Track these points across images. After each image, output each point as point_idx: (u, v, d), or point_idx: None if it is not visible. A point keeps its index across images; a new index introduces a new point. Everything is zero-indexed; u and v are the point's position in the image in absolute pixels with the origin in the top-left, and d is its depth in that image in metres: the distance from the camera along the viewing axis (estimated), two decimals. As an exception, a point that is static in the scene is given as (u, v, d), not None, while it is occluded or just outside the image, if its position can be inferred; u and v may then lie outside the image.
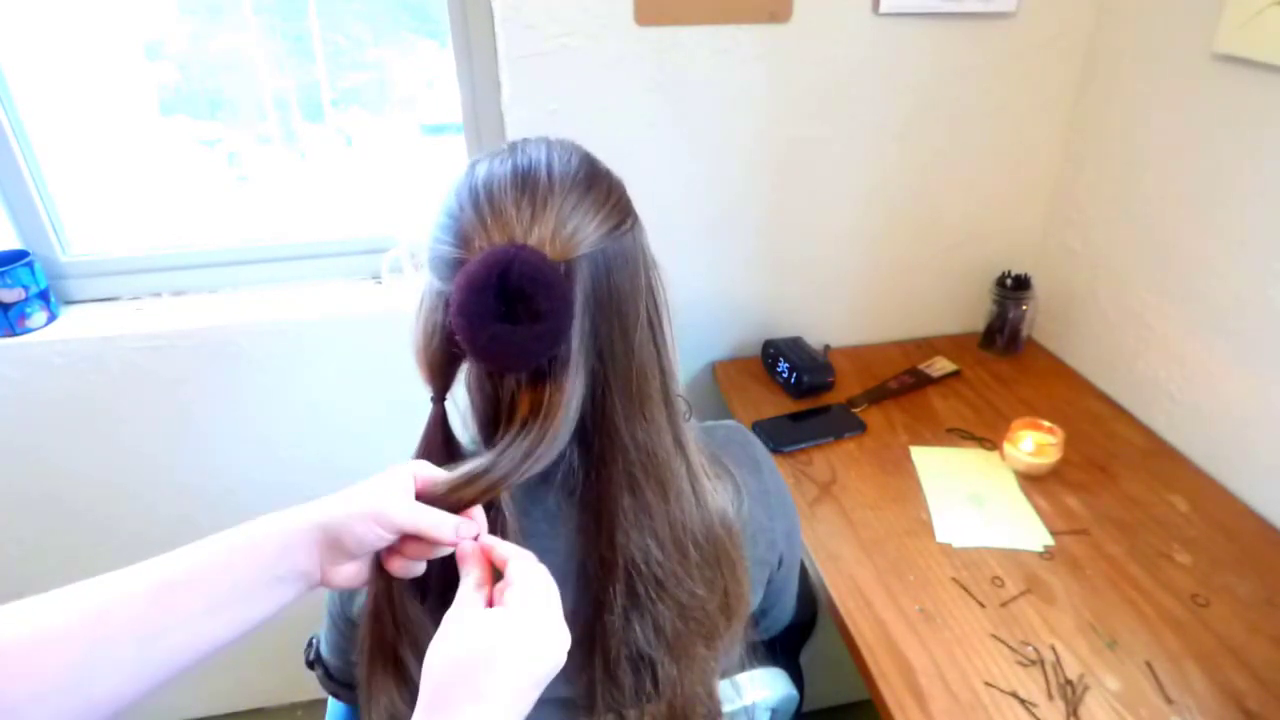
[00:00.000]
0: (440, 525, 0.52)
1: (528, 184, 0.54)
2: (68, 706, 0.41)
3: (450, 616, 0.48)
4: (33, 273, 1.22)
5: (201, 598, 0.47)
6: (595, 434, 0.58)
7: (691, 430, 0.65)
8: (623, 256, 0.56)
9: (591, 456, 0.59)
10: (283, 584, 0.50)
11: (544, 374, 0.54)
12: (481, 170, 0.56)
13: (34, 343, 1.22)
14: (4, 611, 0.41)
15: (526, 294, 0.50)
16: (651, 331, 0.59)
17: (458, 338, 0.52)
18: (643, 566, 0.59)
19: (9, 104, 1.17)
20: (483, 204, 0.54)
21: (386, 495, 0.51)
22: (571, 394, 0.55)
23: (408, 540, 0.53)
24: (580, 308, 0.54)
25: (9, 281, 1.19)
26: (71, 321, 1.27)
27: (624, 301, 0.56)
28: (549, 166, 0.55)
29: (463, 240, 0.54)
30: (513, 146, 0.58)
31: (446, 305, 0.53)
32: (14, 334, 1.22)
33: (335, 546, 0.51)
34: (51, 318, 1.26)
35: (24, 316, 1.22)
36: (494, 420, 0.58)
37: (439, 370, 0.58)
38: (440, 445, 0.59)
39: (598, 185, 0.56)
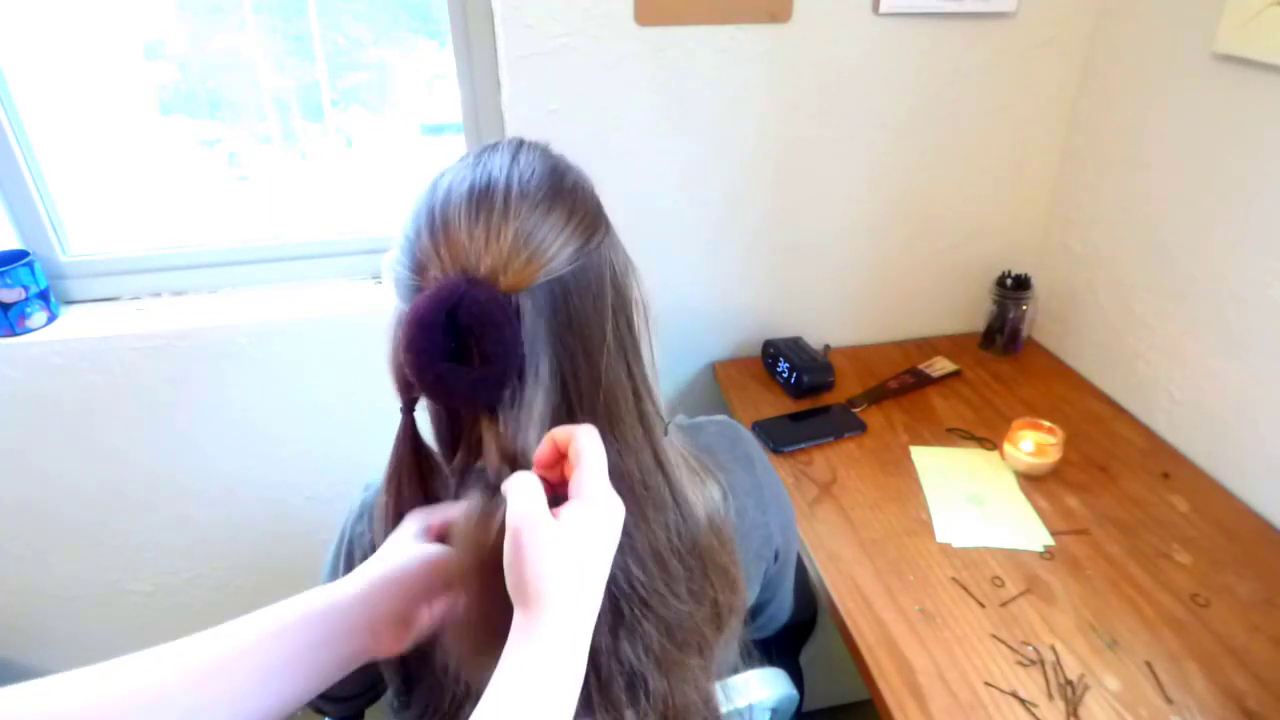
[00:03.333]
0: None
1: (482, 206, 0.52)
2: None
3: (514, 532, 0.47)
4: (33, 273, 1.22)
5: (249, 673, 0.47)
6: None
7: (674, 437, 0.63)
8: (586, 277, 0.53)
9: None
10: (334, 657, 0.51)
11: (499, 409, 0.53)
12: (441, 188, 0.54)
13: (34, 343, 1.22)
14: (53, 684, 0.42)
15: (474, 332, 0.49)
16: (622, 350, 0.57)
17: (406, 372, 0.51)
18: (625, 587, 0.58)
19: (9, 104, 1.17)
20: (438, 229, 0.52)
21: (411, 545, 0.54)
22: (528, 428, 0.53)
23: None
24: (535, 340, 0.52)
25: (9, 281, 1.19)
26: (71, 321, 1.27)
27: (587, 325, 0.54)
28: (508, 185, 0.53)
29: (418, 266, 0.52)
30: (478, 157, 0.56)
31: None
32: (14, 334, 1.22)
33: (385, 603, 0.52)
34: (51, 318, 1.26)
35: (24, 316, 1.22)
36: (451, 445, 0.57)
37: (407, 384, 0.56)
38: (410, 457, 0.58)
39: (560, 204, 0.54)
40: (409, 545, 0.54)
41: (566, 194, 0.55)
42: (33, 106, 1.21)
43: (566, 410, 0.55)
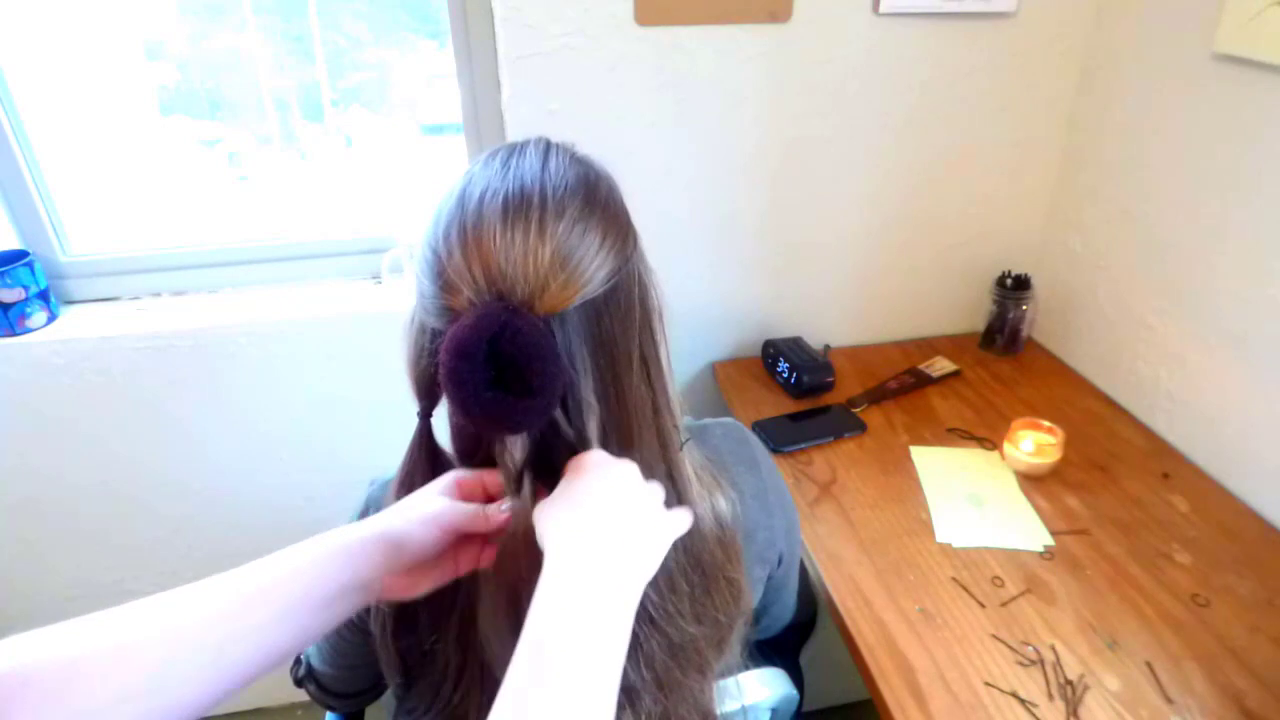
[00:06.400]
0: (475, 517, 0.56)
1: (517, 224, 0.50)
2: (147, 710, 0.44)
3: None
4: (33, 273, 1.22)
5: (271, 609, 0.49)
6: None
7: (687, 445, 0.63)
8: (617, 298, 0.53)
9: None
10: (346, 595, 0.53)
11: (556, 434, 0.53)
12: (471, 199, 0.52)
13: (34, 343, 1.22)
14: (86, 623, 0.45)
15: (519, 364, 0.48)
16: (646, 370, 0.57)
17: (446, 399, 0.51)
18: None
19: (9, 104, 1.17)
20: (470, 247, 0.50)
21: (430, 501, 0.56)
22: (562, 446, 0.54)
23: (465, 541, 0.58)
24: (573, 364, 0.52)
25: (9, 281, 1.19)
26: (71, 321, 1.27)
27: (615, 347, 0.54)
28: (542, 199, 0.51)
29: (448, 285, 0.51)
30: (505, 162, 0.54)
31: (433, 335, 0.53)
32: (14, 334, 1.22)
33: (397, 554, 0.54)
34: (51, 318, 1.26)
35: (24, 316, 1.22)
36: (470, 460, 0.58)
37: (427, 390, 0.56)
38: (424, 462, 0.58)
39: (595, 221, 0.52)
40: (435, 500, 0.56)
41: (600, 208, 0.53)
42: (33, 106, 1.21)
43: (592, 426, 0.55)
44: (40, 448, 1.31)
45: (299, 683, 0.76)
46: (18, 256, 1.22)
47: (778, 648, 0.93)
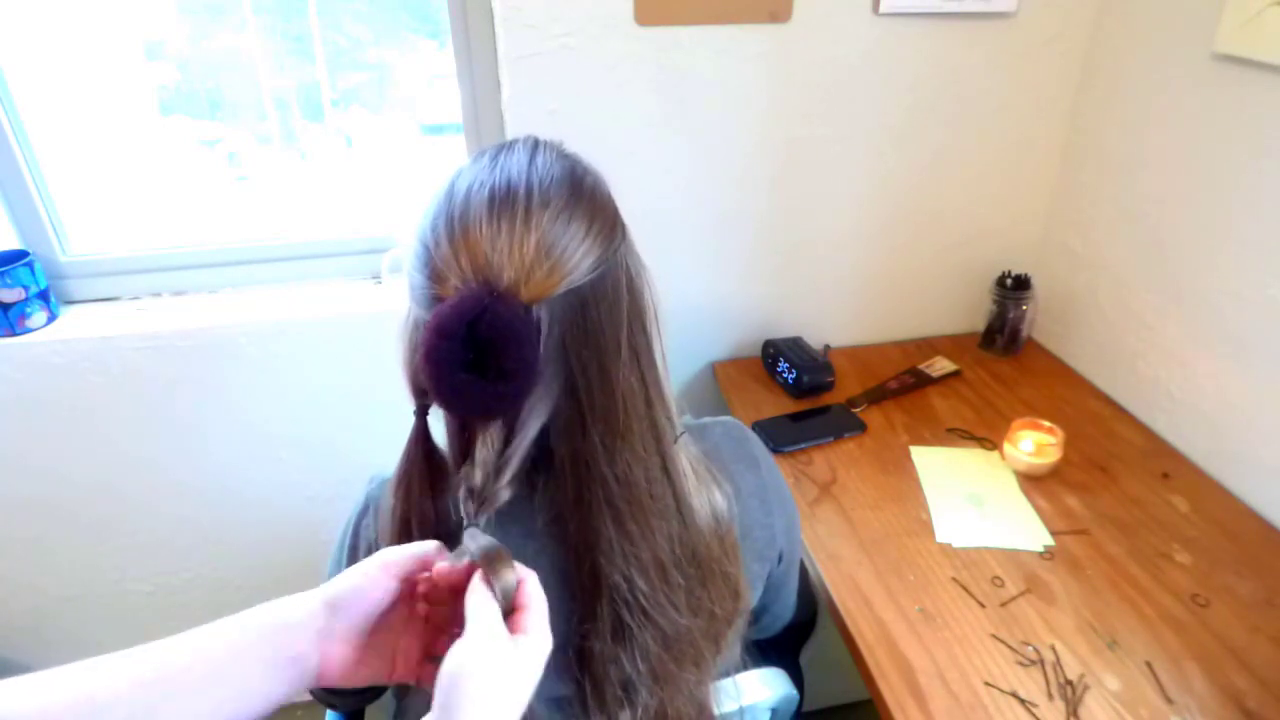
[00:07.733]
0: (426, 547, 0.53)
1: (503, 214, 0.51)
2: None
3: (482, 634, 0.47)
4: (33, 273, 1.22)
5: (195, 679, 0.47)
6: (572, 470, 0.56)
7: (682, 440, 0.63)
8: (603, 286, 0.53)
9: (569, 491, 0.57)
10: (280, 670, 0.50)
11: (514, 421, 0.53)
12: (459, 193, 0.54)
13: (34, 343, 1.22)
14: (3, 687, 0.43)
15: (496, 347, 0.48)
16: (636, 361, 0.57)
17: (423, 381, 0.51)
18: (628, 596, 0.58)
19: (9, 104, 1.17)
20: (457, 237, 0.51)
21: (379, 554, 0.53)
22: (521, 440, 0.54)
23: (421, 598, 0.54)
24: (553, 352, 0.52)
25: (9, 281, 1.19)
26: (71, 321, 1.27)
27: (602, 336, 0.54)
28: (528, 190, 0.52)
29: (436, 275, 0.52)
30: (494, 158, 0.56)
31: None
32: (14, 334, 1.22)
33: (339, 614, 0.52)
34: (51, 318, 1.26)
35: (24, 316, 1.22)
36: (463, 455, 0.57)
37: (422, 389, 0.56)
38: (421, 460, 0.58)
39: (580, 211, 0.53)
40: (374, 579, 0.53)
41: (586, 200, 0.54)
42: (33, 106, 1.21)
43: (579, 421, 0.55)
44: (40, 448, 1.31)
45: None
46: (18, 256, 1.22)
47: (778, 648, 0.93)
